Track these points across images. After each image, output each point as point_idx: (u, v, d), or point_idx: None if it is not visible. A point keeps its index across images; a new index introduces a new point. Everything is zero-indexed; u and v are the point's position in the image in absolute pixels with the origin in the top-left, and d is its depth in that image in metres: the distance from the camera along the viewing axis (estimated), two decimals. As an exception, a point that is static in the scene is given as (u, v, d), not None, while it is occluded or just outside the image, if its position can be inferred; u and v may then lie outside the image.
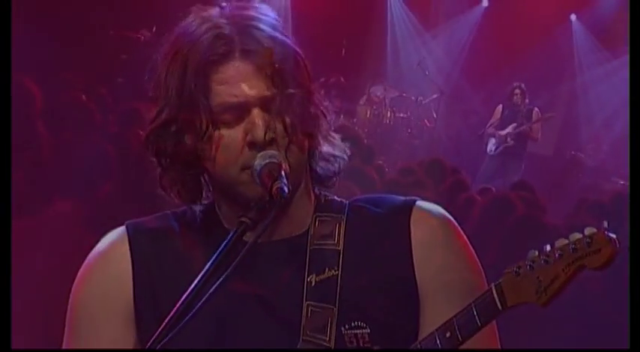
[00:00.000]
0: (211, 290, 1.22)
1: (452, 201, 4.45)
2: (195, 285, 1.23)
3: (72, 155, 3.76)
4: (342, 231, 1.41)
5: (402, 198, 1.47)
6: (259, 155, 1.31)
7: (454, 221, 1.46)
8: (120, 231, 1.45)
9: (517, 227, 3.96)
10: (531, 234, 3.81)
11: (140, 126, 5.59)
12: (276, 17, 1.40)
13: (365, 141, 7.25)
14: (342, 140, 1.46)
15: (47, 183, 3.36)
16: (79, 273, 1.45)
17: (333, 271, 1.37)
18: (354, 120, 10.82)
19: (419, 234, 1.41)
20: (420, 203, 1.45)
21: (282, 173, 1.29)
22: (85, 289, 1.44)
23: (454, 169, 6.26)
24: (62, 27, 9.77)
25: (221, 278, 1.23)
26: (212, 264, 1.24)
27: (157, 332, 1.22)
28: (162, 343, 1.21)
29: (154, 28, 11.24)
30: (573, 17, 11.94)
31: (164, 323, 1.22)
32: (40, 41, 8.06)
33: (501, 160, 9.78)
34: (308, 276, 1.37)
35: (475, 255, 1.45)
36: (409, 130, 11.26)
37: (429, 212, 1.44)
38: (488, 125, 10.00)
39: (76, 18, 10.17)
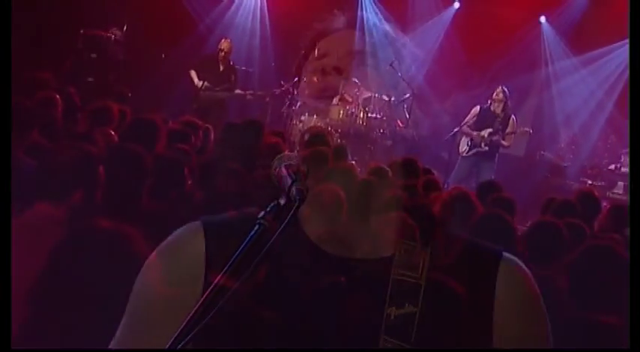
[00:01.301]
0: (230, 292, 1.11)
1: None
2: (214, 286, 1.12)
3: (45, 157, 3.72)
4: (426, 265, 1.35)
5: (489, 246, 1.42)
6: (277, 157, 1.27)
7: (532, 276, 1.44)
8: (196, 224, 1.38)
9: (481, 225, 3.99)
10: (496, 233, 3.85)
11: (110, 126, 5.55)
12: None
13: (339, 141, 7.23)
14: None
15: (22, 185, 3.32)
16: (149, 258, 1.37)
17: (412, 307, 1.31)
18: (327, 120, 10.81)
19: (505, 287, 1.36)
20: (507, 255, 1.41)
21: (300, 175, 1.25)
22: (152, 275, 1.35)
23: (426, 170, 6.29)
24: (31, 25, 9.64)
25: (240, 280, 1.13)
26: (233, 260, 1.14)
27: (179, 330, 1.10)
28: (181, 343, 1.09)
29: (125, 27, 11.17)
30: (542, 19, 12.10)
31: (186, 324, 1.10)
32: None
33: (474, 161, 9.77)
34: (388, 308, 1.30)
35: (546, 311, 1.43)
36: (381, 131, 11.28)
37: (516, 266, 1.40)
38: (462, 124, 9.90)
39: (46, 16, 10.05)
